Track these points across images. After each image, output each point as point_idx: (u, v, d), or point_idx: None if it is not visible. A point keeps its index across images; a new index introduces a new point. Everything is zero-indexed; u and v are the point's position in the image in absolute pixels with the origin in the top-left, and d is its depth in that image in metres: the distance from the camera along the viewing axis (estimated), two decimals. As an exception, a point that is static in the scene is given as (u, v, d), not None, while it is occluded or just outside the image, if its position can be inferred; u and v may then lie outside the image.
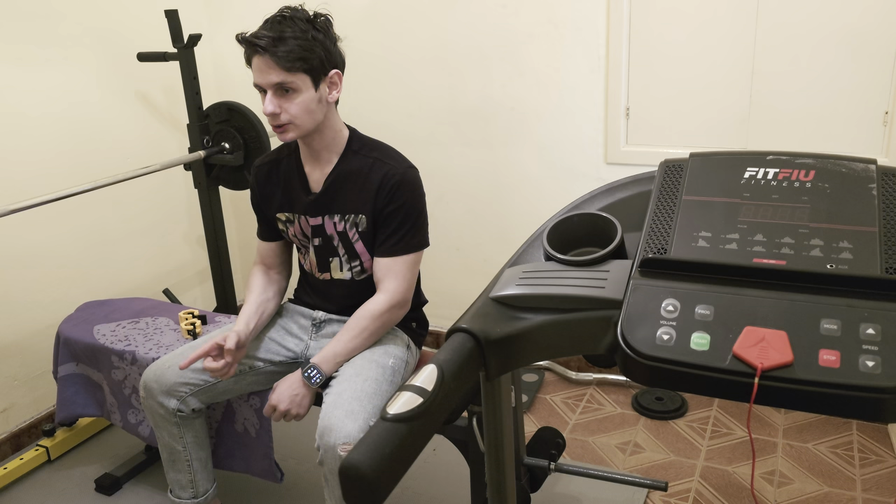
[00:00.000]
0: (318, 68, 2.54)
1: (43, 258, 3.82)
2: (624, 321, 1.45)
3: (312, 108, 2.57)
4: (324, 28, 2.56)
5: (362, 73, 4.21)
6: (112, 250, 4.16)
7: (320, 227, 2.77)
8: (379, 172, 2.66)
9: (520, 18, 3.77)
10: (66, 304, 3.90)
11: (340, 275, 2.83)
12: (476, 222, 4.21)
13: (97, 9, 3.97)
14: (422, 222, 2.71)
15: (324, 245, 2.80)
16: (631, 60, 3.60)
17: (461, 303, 4.19)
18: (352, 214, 2.71)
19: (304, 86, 2.53)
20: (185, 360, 2.64)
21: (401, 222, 2.66)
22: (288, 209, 2.83)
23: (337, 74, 2.62)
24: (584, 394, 4.01)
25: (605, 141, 3.73)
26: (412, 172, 2.69)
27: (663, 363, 1.38)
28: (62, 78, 3.83)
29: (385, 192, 2.64)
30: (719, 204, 1.59)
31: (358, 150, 2.72)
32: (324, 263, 2.84)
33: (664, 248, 1.53)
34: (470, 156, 4.10)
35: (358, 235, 2.73)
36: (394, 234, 2.67)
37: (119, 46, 4.08)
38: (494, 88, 3.94)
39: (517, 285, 1.63)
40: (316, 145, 2.71)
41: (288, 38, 2.46)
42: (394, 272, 2.69)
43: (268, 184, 2.86)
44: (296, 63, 2.48)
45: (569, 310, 1.55)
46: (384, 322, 2.71)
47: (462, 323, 1.56)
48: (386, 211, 2.65)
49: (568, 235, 1.73)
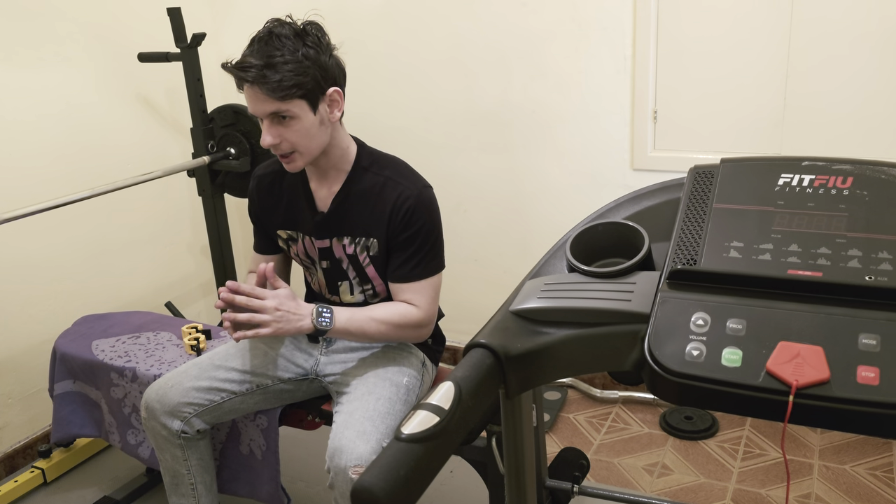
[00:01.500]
0: (314, 90, 2.47)
1: (38, 270, 3.84)
2: (651, 336, 1.45)
3: (314, 132, 2.52)
4: (315, 42, 2.48)
5: (375, 75, 4.22)
6: (111, 261, 4.18)
7: (328, 250, 2.75)
8: (392, 193, 2.61)
9: (541, 17, 3.78)
10: (63, 318, 3.90)
11: (351, 298, 2.81)
12: (495, 232, 4.21)
13: (96, 6, 3.99)
14: (439, 245, 2.69)
15: (332, 268, 2.78)
16: (659, 61, 3.61)
17: (480, 317, 4.16)
18: (362, 237, 2.68)
19: (302, 112, 2.47)
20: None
21: (418, 247, 2.63)
22: (291, 227, 2.80)
23: (336, 92, 2.55)
24: (610, 413, 4.01)
25: (632, 146, 3.74)
26: (427, 193, 2.64)
27: (693, 380, 1.38)
28: (58, 79, 3.85)
29: (399, 216, 2.59)
30: (752, 212, 1.59)
31: (368, 167, 2.68)
32: (333, 287, 2.82)
33: (694, 259, 1.53)
34: (488, 162, 4.11)
35: (369, 260, 2.70)
36: (410, 260, 2.64)
37: (119, 46, 4.09)
38: (514, 91, 3.95)
39: (538, 298, 1.63)
40: (322, 164, 2.67)
41: (278, 65, 2.39)
42: (419, 293, 2.67)
43: (269, 196, 2.83)
44: (290, 91, 2.42)
45: (593, 324, 1.56)
46: (405, 334, 2.69)
47: (480, 338, 1.57)
48: (402, 236, 2.61)
49: (592, 246, 1.73)
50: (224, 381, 2.76)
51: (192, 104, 3.87)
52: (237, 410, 2.81)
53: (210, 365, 2.80)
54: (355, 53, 4.11)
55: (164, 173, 3.69)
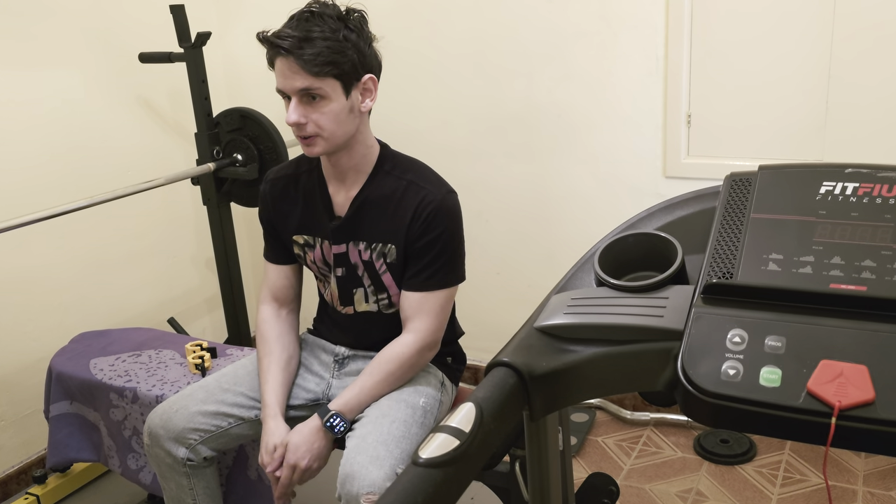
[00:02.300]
0: (349, 73, 2.49)
1: (33, 283, 3.85)
2: (685, 354, 1.45)
3: (343, 118, 2.52)
4: (357, 26, 2.51)
5: (392, 74, 4.21)
6: (110, 275, 4.20)
7: (344, 256, 2.75)
8: (414, 198, 2.62)
9: (568, 15, 3.79)
10: (59, 334, 3.89)
11: (366, 307, 2.81)
12: (519, 243, 4.22)
13: (94, 3, 4.01)
14: (459, 255, 2.69)
15: (347, 275, 2.78)
16: (693, 62, 3.61)
17: (502, 334, 4.16)
18: (379, 244, 2.68)
19: (334, 93, 2.48)
20: None
21: (436, 255, 2.63)
22: (308, 232, 2.80)
23: (371, 80, 2.58)
24: (641, 436, 4.01)
25: (664, 152, 3.74)
26: (451, 198, 2.65)
27: (729, 401, 1.38)
28: (54, 80, 3.86)
29: (420, 221, 2.60)
30: (792, 223, 1.60)
31: (390, 171, 2.68)
32: (347, 296, 2.82)
33: (730, 273, 1.54)
34: (512, 168, 4.12)
35: (385, 267, 2.70)
36: (427, 268, 2.64)
37: (118, 45, 4.11)
38: (540, 93, 3.96)
39: (565, 314, 1.64)
40: (343, 163, 2.67)
41: (316, 39, 2.41)
42: (425, 310, 2.66)
43: (284, 201, 2.83)
44: (325, 67, 2.42)
45: (623, 341, 1.56)
46: (412, 366, 2.69)
47: (503, 356, 1.57)
48: (420, 242, 2.62)
49: (622, 258, 1.73)
50: (232, 406, 2.76)
51: (197, 107, 3.89)
52: (245, 436, 2.82)
53: (217, 388, 2.80)
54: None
55: (166, 181, 3.71)
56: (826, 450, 1.37)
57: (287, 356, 2.81)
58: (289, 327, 2.89)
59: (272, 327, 2.85)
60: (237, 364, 2.93)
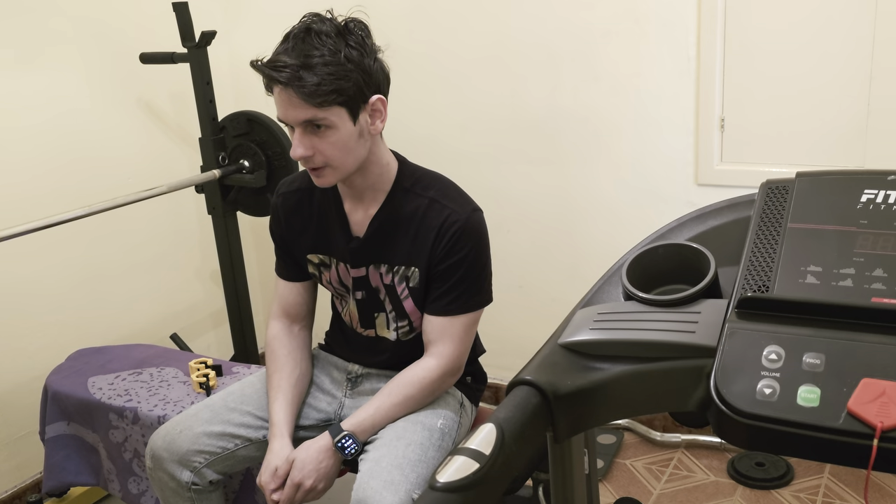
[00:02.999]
0: (355, 97, 2.42)
1: (27, 298, 3.86)
2: (718, 372, 1.46)
3: (352, 145, 2.47)
4: (359, 43, 2.43)
5: (406, 77, 4.23)
6: (109, 288, 4.21)
7: (364, 280, 2.73)
8: (437, 217, 2.58)
9: (595, 12, 3.79)
10: (55, 351, 3.88)
11: (387, 333, 2.80)
12: (542, 255, 4.23)
13: (92, 0, 4.02)
14: (485, 277, 2.67)
15: (368, 299, 2.77)
16: (727, 62, 3.61)
17: (524, 351, 4.16)
18: (402, 266, 2.65)
19: (340, 121, 2.42)
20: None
21: (461, 278, 2.60)
22: (323, 251, 2.78)
23: (380, 100, 2.52)
24: (671, 458, 4.01)
25: (696, 158, 3.74)
26: (477, 217, 2.62)
27: (765, 422, 1.38)
28: (49, 82, 3.87)
29: (444, 242, 2.56)
30: (831, 233, 1.60)
31: (410, 188, 2.64)
32: (368, 319, 2.81)
33: (766, 286, 1.54)
34: (534, 176, 4.13)
35: (408, 291, 2.68)
36: (451, 291, 2.62)
37: (118, 45, 4.12)
38: (564, 96, 3.96)
39: (591, 329, 1.64)
40: (358, 184, 2.63)
41: (316, 66, 2.33)
42: (448, 335, 2.64)
43: (297, 217, 2.80)
44: (328, 96, 2.36)
45: (653, 359, 1.57)
46: (433, 391, 2.67)
47: (525, 374, 1.58)
48: (444, 265, 2.59)
49: (651, 270, 1.74)
50: (239, 427, 2.75)
51: (201, 111, 3.90)
52: (253, 459, 2.80)
53: (223, 407, 2.79)
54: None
55: (169, 189, 3.72)
56: (868, 473, 1.38)
57: (298, 373, 2.80)
58: (301, 344, 2.88)
59: (283, 344, 2.85)
60: (244, 382, 2.93)
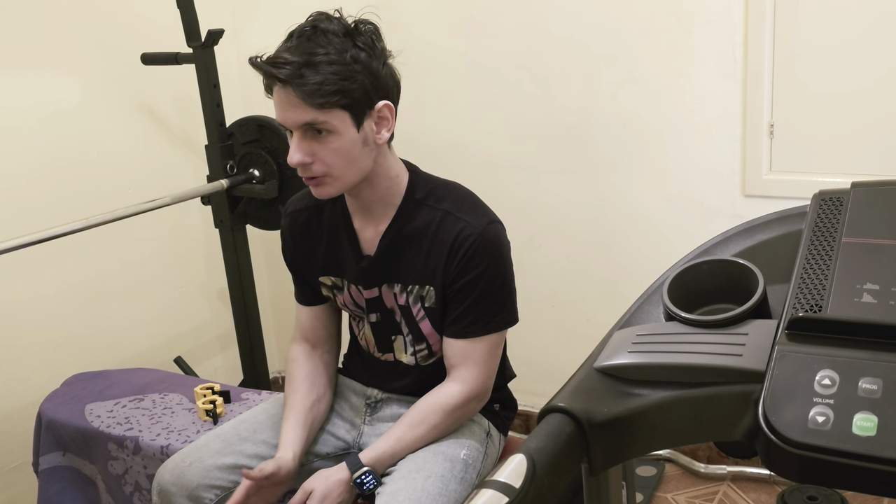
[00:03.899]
0: (360, 101, 2.40)
1: (19, 318, 3.86)
2: (767, 398, 1.46)
3: (355, 154, 2.45)
4: (368, 44, 2.41)
5: (430, 80, 4.26)
6: (108, 308, 4.22)
7: (377, 301, 2.72)
8: (450, 231, 2.56)
9: (633, 9, 3.79)
10: (50, 376, 3.89)
11: (405, 357, 2.79)
12: (576, 271, 4.23)
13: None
14: (506, 294, 2.64)
15: (384, 321, 2.76)
16: (776, 63, 3.60)
17: (558, 375, 4.15)
18: (415, 286, 2.64)
19: (343, 126, 2.39)
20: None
21: (479, 297, 2.57)
22: (335, 272, 2.78)
23: (387, 107, 2.48)
24: (716, 492, 4.00)
25: (743, 167, 3.74)
26: (493, 230, 2.58)
27: (817, 452, 1.38)
28: (43, 85, 3.87)
29: (458, 258, 2.54)
30: (889, 248, 1.60)
31: (423, 200, 2.62)
32: (385, 343, 2.80)
33: (818, 305, 1.54)
34: (569, 186, 4.13)
35: (424, 312, 2.67)
36: (470, 311, 2.60)
37: (118, 45, 4.13)
38: (600, 99, 3.96)
39: (630, 352, 1.65)
40: (365, 197, 2.62)
41: (320, 64, 2.31)
42: (471, 359, 2.63)
43: (306, 238, 2.81)
44: (331, 98, 2.34)
45: (696, 384, 1.57)
46: (457, 418, 2.66)
47: (559, 401, 1.58)
48: (459, 283, 2.57)
49: (695, 288, 1.74)
50: (252, 458, 2.73)
51: (208, 116, 3.91)
52: None
53: (236, 437, 2.77)
54: (406, 52, 4.12)
55: (172, 200, 3.73)
56: (929, 508, 1.38)
57: (314, 397, 2.79)
58: (320, 367, 2.87)
59: (300, 366, 2.85)
60: (257, 409, 2.92)
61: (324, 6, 2.48)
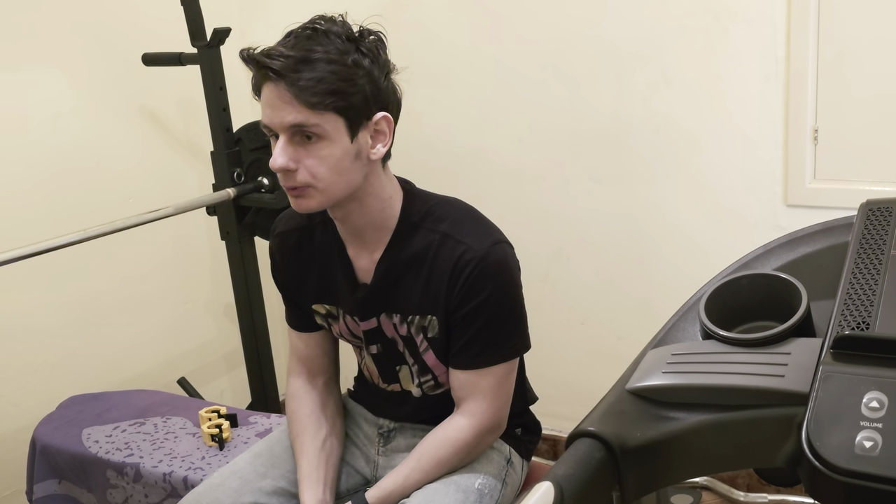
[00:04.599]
0: (358, 108, 2.29)
1: (12, 336, 3.86)
2: (811, 422, 1.46)
3: (345, 166, 2.33)
4: (372, 51, 2.32)
5: (450, 81, 4.26)
6: (107, 325, 4.22)
7: (377, 331, 2.65)
8: (450, 256, 2.46)
9: (667, 6, 3.79)
10: (45, 398, 3.89)
11: (412, 387, 2.73)
12: (607, 286, 4.23)
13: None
14: (514, 321, 2.55)
15: (386, 352, 2.69)
16: (821, 63, 3.58)
17: (587, 397, 4.13)
18: (416, 315, 2.55)
19: (336, 132, 2.28)
20: None
21: (483, 325, 2.48)
22: (329, 300, 2.71)
23: (386, 120, 2.38)
24: (758, 525, 3.99)
25: (785, 175, 3.73)
26: (498, 251, 2.48)
27: (865, 479, 1.38)
28: (38, 87, 3.88)
29: (460, 284, 2.45)
30: (943, 262, 1.60)
31: (420, 222, 2.53)
32: (389, 373, 2.74)
33: (866, 323, 1.54)
34: (599, 195, 4.13)
35: (427, 343, 2.59)
36: (475, 341, 2.50)
37: (117, 44, 4.14)
38: (632, 103, 3.96)
39: (664, 373, 1.65)
40: (355, 219, 2.51)
41: (317, 61, 2.23)
42: (479, 391, 2.54)
43: (297, 262, 2.73)
44: (325, 98, 2.23)
45: (735, 407, 1.57)
46: (469, 453, 2.59)
47: (588, 425, 1.58)
48: (462, 311, 2.47)
49: (734, 305, 1.74)
50: (273, 495, 2.69)
51: (213, 121, 3.92)
52: None
53: (253, 473, 2.72)
54: (423, 52, 4.13)
55: (176, 210, 3.73)
56: None
57: (324, 434, 2.72)
58: (324, 400, 2.81)
59: (303, 403, 2.78)
60: (271, 440, 2.86)
61: (337, 4, 2.47)
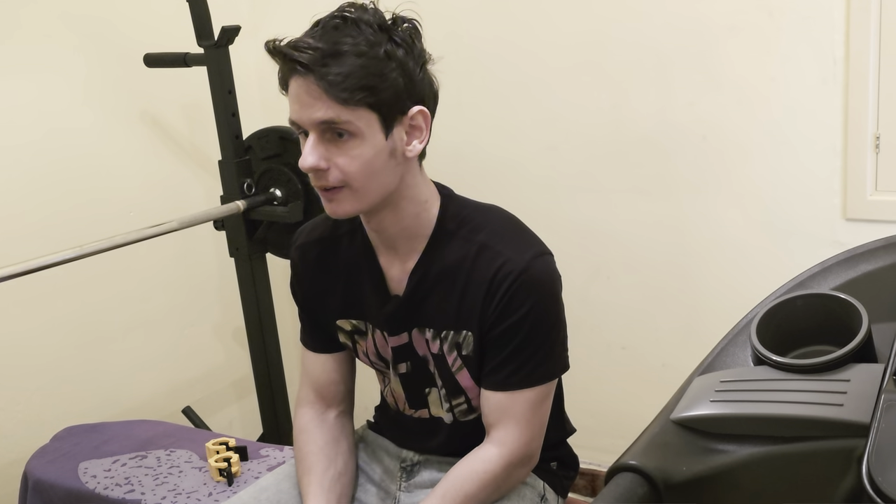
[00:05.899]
0: (391, 103, 2.26)
1: (3, 361, 3.86)
2: (872, 455, 1.45)
3: (379, 165, 2.30)
4: (406, 41, 2.29)
5: (479, 86, 4.28)
6: (106, 350, 4.24)
7: (407, 347, 2.61)
8: (488, 268, 2.41)
9: (716, 3, 3.79)
10: (38, 429, 3.88)
11: (441, 413, 2.71)
12: (650, 307, 4.24)
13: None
14: (554, 340, 2.50)
15: (415, 371, 2.66)
16: (883, 65, 3.57)
17: (628, 428, 4.08)
18: (450, 331, 2.51)
19: (369, 129, 2.25)
20: None
21: (521, 343, 2.44)
22: (356, 315, 2.67)
23: (422, 114, 2.34)
24: (815, 569, 3.97)
25: (844, 186, 3.72)
26: (540, 264, 2.44)
27: (932, 519, 1.39)
28: (35, 92, 3.90)
29: (497, 299, 2.40)
30: None
31: (456, 231, 2.49)
32: (418, 397, 2.71)
33: (933, 347, 1.54)
34: (641, 208, 4.14)
35: (461, 362, 2.54)
36: (511, 360, 2.46)
37: (117, 44, 4.16)
38: (677, 108, 3.97)
39: (712, 402, 1.65)
40: (388, 226, 2.48)
41: (346, 53, 2.20)
42: (511, 415, 2.49)
43: (320, 273, 2.70)
44: (357, 93, 2.20)
45: (789, 439, 1.57)
46: (498, 487, 2.54)
47: (630, 458, 1.59)
48: (499, 328, 2.43)
49: (788, 327, 1.75)
50: None
51: (221, 127, 3.93)
52: None
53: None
54: (451, 56, 4.11)
55: (180, 225, 3.74)
56: None
57: (333, 472, 2.67)
58: (336, 435, 2.76)
59: (312, 438, 2.72)
60: (278, 474, 2.83)
61: (353, 0, 2.47)
